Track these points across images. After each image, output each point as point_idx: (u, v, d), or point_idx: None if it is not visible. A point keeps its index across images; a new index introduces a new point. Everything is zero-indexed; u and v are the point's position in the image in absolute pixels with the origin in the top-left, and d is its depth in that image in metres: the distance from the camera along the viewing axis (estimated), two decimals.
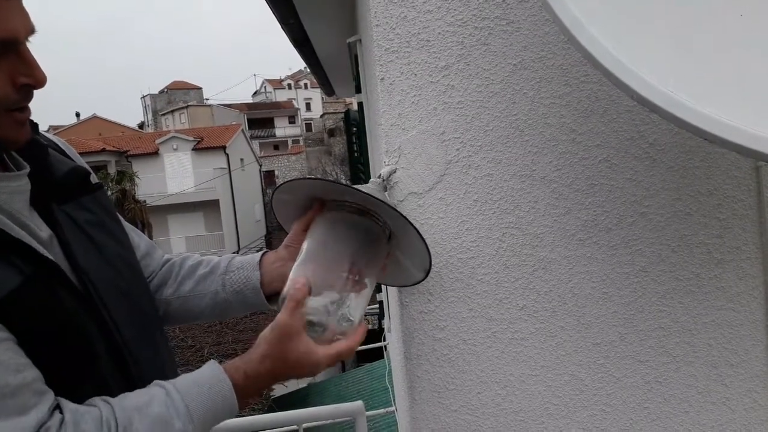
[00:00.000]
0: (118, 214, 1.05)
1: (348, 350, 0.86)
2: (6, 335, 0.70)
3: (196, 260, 1.16)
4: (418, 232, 0.91)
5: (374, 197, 0.91)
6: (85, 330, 0.81)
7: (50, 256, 0.79)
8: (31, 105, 0.82)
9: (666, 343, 1.07)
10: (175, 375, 1.01)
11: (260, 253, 1.12)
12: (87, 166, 1.03)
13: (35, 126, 0.92)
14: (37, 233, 0.82)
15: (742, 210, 1.04)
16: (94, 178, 1.02)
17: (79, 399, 0.76)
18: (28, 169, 0.85)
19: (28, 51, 0.78)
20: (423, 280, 1.02)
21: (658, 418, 1.09)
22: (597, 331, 1.07)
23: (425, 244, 0.93)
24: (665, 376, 1.08)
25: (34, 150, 0.89)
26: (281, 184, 1.00)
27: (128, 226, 1.10)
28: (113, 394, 0.79)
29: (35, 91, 0.80)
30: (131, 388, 0.83)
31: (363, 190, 0.93)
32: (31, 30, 0.78)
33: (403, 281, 1.05)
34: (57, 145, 1.01)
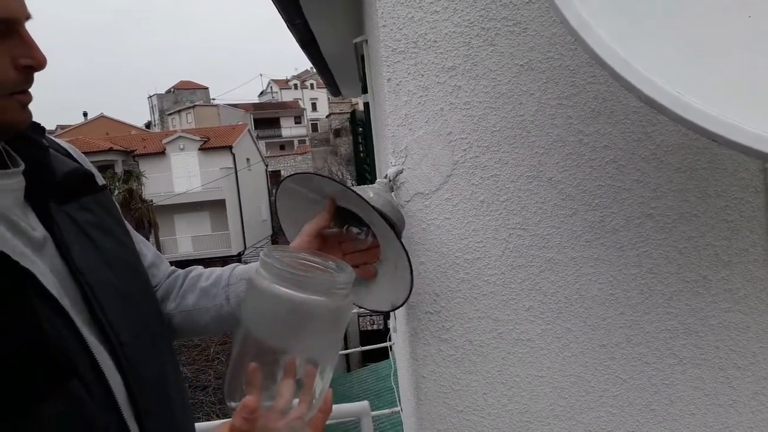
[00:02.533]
0: (123, 219, 1.04)
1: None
2: None
3: (198, 272, 1.14)
4: (409, 263, 0.88)
5: (379, 211, 0.90)
6: (59, 344, 0.76)
7: (26, 266, 0.75)
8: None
9: (673, 345, 1.07)
10: (177, 377, 1.01)
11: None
12: (95, 170, 1.03)
13: (41, 129, 0.92)
14: (30, 233, 0.81)
15: (749, 212, 1.03)
16: (100, 180, 1.01)
17: (41, 416, 0.72)
18: (22, 167, 0.85)
19: (28, 32, 0.78)
20: (403, 303, 0.96)
21: (665, 420, 1.08)
22: (603, 332, 1.07)
23: (411, 268, 0.90)
24: (672, 378, 1.07)
25: (34, 150, 0.89)
26: (287, 177, 0.95)
27: (137, 236, 1.09)
28: (86, 412, 0.76)
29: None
30: (111, 399, 0.80)
31: (371, 202, 0.91)
32: (28, 15, 0.79)
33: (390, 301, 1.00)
34: (63, 147, 1.00)
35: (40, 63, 0.79)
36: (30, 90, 0.82)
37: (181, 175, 27.66)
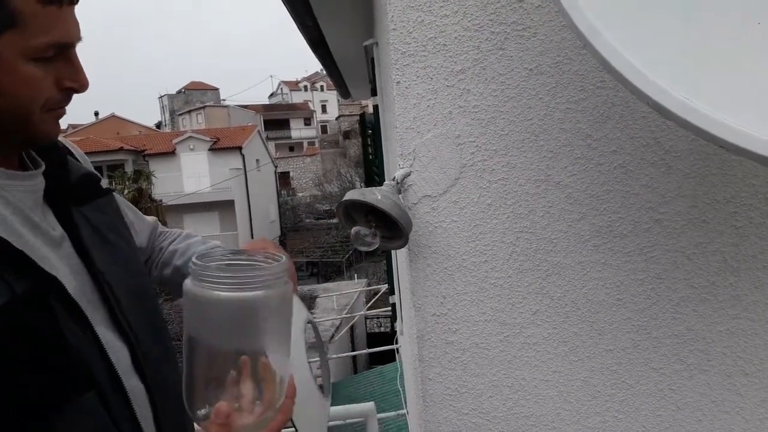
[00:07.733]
0: (124, 219, 1.06)
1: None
2: None
3: (174, 248, 1.18)
4: None
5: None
6: (79, 355, 0.76)
7: (51, 271, 0.76)
8: None
9: (680, 350, 1.06)
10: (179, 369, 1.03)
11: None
12: (93, 170, 1.05)
13: None
14: (50, 232, 0.83)
15: (758, 218, 1.03)
16: (104, 184, 1.03)
17: (55, 428, 0.73)
18: (42, 168, 0.87)
19: (77, 57, 0.81)
20: None
21: (671, 426, 1.08)
22: (610, 337, 1.07)
23: None
24: (679, 383, 1.07)
25: (55, 153, 0.92)
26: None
27: (132, 213, 1.13)
28: (100, 426, 0.77)
29: None
30: (128, 408, 0.82)
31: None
32: (80, 38, 0.81)
33: None
34: (69, 149, 1.02)
35: (82, 86, 0.82)
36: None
37: (190, 175, 27.77)
